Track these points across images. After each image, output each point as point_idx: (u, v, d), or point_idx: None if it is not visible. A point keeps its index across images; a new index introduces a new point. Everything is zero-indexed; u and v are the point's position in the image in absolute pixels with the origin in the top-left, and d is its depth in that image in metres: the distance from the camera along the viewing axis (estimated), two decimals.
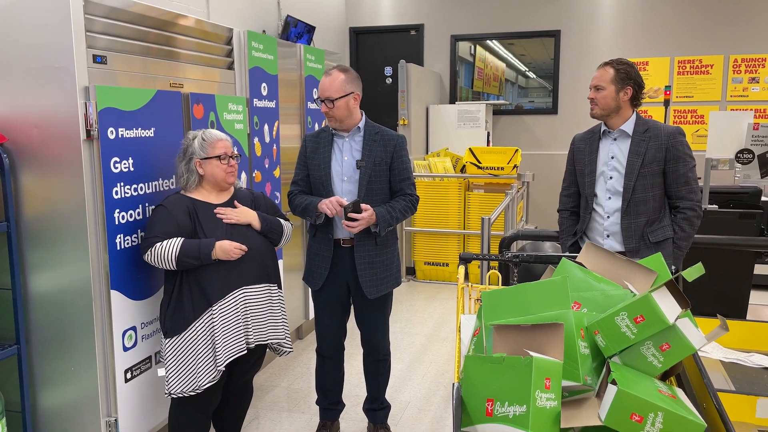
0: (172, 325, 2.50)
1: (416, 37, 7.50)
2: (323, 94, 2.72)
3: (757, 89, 6.61)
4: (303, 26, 5.76)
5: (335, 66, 2.78)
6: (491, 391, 1.40)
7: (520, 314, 1.57)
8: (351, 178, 2.76)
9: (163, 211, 2.52)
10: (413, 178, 2.88)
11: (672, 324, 1.42)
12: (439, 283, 6.10)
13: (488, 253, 2.31)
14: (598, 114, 2.71)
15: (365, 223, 2.65)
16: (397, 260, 2.92)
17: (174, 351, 2.50)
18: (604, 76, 2.68)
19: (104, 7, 2.49)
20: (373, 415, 3.05)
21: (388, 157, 2.77)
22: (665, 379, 1.56)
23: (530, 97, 7.42)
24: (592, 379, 1.44)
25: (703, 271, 1.53)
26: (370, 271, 2.77)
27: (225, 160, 2.58)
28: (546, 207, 7.13)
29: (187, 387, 2.49)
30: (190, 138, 2.60)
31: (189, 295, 2.50)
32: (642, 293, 1.50)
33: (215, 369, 2.51)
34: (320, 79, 4.41)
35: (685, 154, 2.64)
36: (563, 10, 7.02)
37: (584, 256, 1.85)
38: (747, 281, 3.62)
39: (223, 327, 2.53)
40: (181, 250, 2.44)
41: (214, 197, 2.62)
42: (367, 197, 2.73)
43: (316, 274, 2.86)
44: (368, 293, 2.78)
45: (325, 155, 2.79)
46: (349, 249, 2.79)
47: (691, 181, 2.66)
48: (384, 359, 3.00)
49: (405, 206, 2.79)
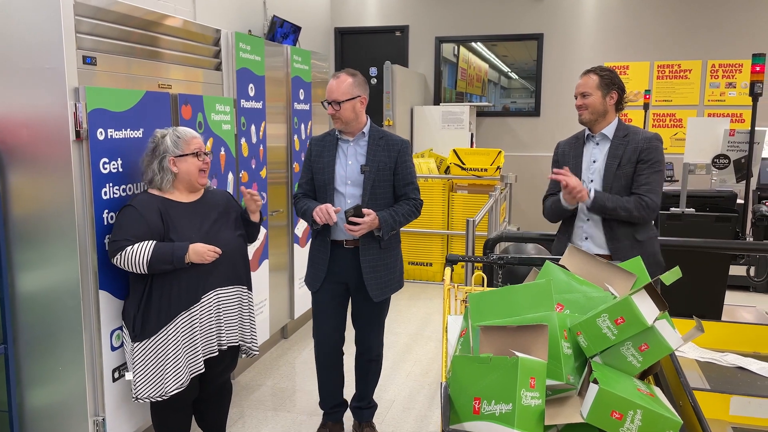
0: (141, 328, 2.44)
1: (401, 39, 7.55)
2: (330, 96, 2.74)
3: (734, 94, 6.76)
4: (289, 26, 5.78)
5: (343, 69, 2.82)
6: (478, 390, 1.44)
7: (506, 315, 1.62)
8: (355, 182, 2.78)
9: (132, 212, 2.44)
10: (417, 182, 2.89)
11: (650, 325, 1.48)
12: (423, 282, 6.16)
13: (473, 255, 2.36)
14: (588, 119, 2.76)
15: (367, 228, 2.66)
16: (401, 263, 2.95)
17: (142, 355, 2.44)
18: (589, 83, 2.73)
19: (94, 9, 2.50)
20: (360, 413, 3.08)
21: (392, 162, 2.79)
22: (644, 378, 1.62)
23: (512, 97, 7.51)
24: (574, 378, 1.50)
25: (680, 274, 1.60)
26: (375, 274, 2.79)
27: (201, 157, 2.56)
28: (528, 207, 7.23)
29: (155, 392, 2.45)
30: (159, 136, 2.55)
31: (159, 298, 2.45)
32: (622, 296, 1.56)
33: (185, 374, 2.49)
34: (307, 80, 4.47)
35: (656, 160, 2.69)
36: (546, 14, 7.11)
37: (567, 259, 1.91)
38: (722, 283, 3.72)
39: (199, 330, 2.53)
40: (153, 254, 2.38)
41: (185, 197, 2.58)
42: (371, 201, 2.75)
43: (315, 276, 2.87)
44: (374, 296, 2.80)
45: (330, 159, 2.81)
46: (352, 250, 2.79)
47: (653, 183, 2.67)
48: (376, 359, 3.02)
49: (408, 210, 2.80)
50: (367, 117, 2.86)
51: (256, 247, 3.83)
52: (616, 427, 1.37)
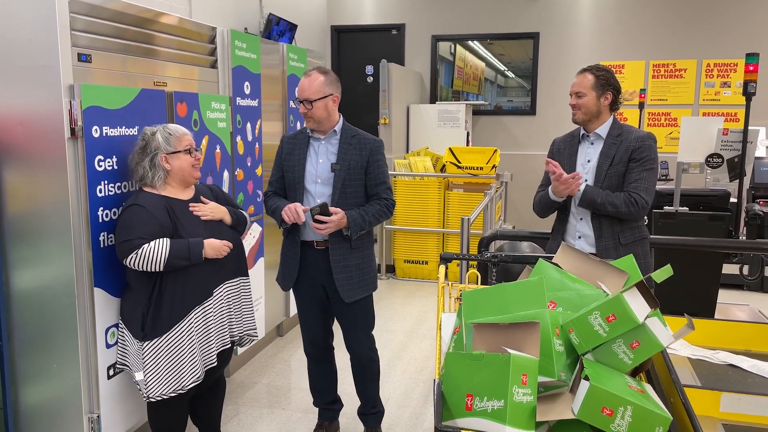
0: (152, 327, 2.44)
1: (397, 37, 7.56)
2: (302, 95, 2.69)
3: (729, 93, 6.79)
4: (285, 24, 5.78)
5: (315, 67, 2.77)
6: (471, 387, 1.46)
7: (499, 313, 1.63)
8: (325, 181, 2.74)
9: (141, 211, 2.44)
10: (389, 182, 2.84)
11: (642, 323, 1.49)
12: (418, 280, 6.17)
13: (467, 253, 2.37)
14: (581, 119, 2.77)
15: (334, 226, 2.62)
16: (374, 264, 2.89)
17: (154, 353, 2.44)
18: (584, 83, 2.73)
19: (89, 6, 2.50)
20: (364, 419, 3.05)
21: (363, 161, 2.74)
22: (635, 375, 1.64)
23: (509, 96, 7.52)
24: (566, 375, 1.51)
25: (672, 272, 1.61)
26: (345, 274, 2.74)
27: (192, 153, 2.57)
28: (523, 206, 7.25)
29: (168, 389, 2.45)
30: (149, 134, 2.54)
31: (171, 295, 2.45)
32: (614, 293, 1.58)
33: (201, 367, 2.51)
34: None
35: (648, 158, 2.68)
36: (542, 13, 7.13)
37: (560, 257, 1.93)
38: (715, 281, 3.74)
39: (213, 323, 2.56)
40: (171, 252, 2.39)
41: (181, 193, 2.59)
42: (341, 200, 2.71)
43: (286, 275, 2.85)
44: (345, 297, 2.75)
45: (300, 157, 2.77)
46: (323, 251, 2.75)
47: (643, 180, 2.66)
48: (369, 365, 2.95)
49: (379, 210, 2.76)
50: (339, 115, 2.80)
51: (252, 245, 3.83)
52: (607, 423, 1.39)
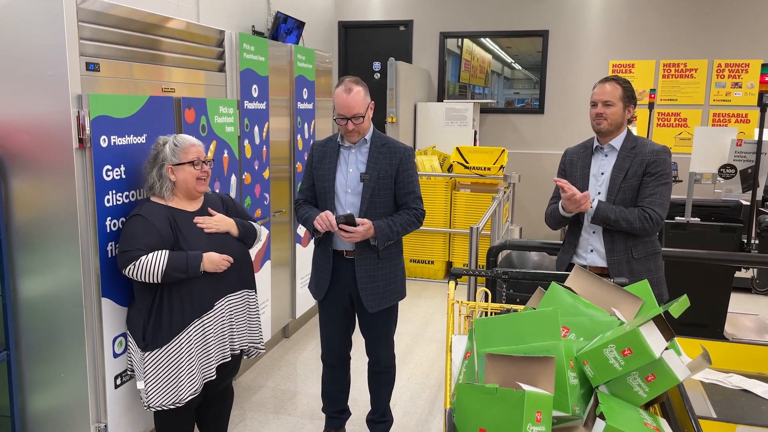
0: (153, 337, 2.43)
1: (405, 33, 7.49)
2: (350, 112, 2.61)
3: (740, 94, 6.72)
4: (293, 22, 5.73)
5: (346, 80, 2.67)
6: (483, 421, 1.44)
7: (512, 343, 1.61)
8: (354, 191, 2.71)
9: (142, 221, 2.43)
10: (419, 191, 2.78)
11: (658, 357, 1.47)
12: (424, 280, 6.16)
13: (477, 269, 2.35)
14: (606, 129, 2.70)
15: (360, 236, 2.61)
16: (402, 273, 2.86)
17: (154, 364, 2.44)
18: (615, 93, 2.67)
19: (96, 14, 2.47)
20: (372, 426, 3.03)
21: (393, 170, 2.70)
22: (650, 406, 1.62)
23: (516, 89, 7.45)
24: (580, 409, 1.49)
25: (688, 304, 1.58)
26: (371, 284, 2.72)
27: (198, 165, 2.53)
28: (531, 206, 7.21)
29: (167, 400, 2.45)
30: (160, 143, 2.53)
31: (171, 307, 2.44)
32: (630, 324, 1.55)
33: (199, 381, 2.50)
34: (311, 79, 4.43)
35: (663, 172, 2.65)
36: (552, 10, 7.05)
37: (573, 280, 1.90)
38: (726, 291, 3.71)
39: (213, 336, 2.55)
40: (168, 264, 2.38)
41: (187, 205, 2.57)
42: (370, 210, 2.68)
43: (319, 285, 2.83)
44: (369, 307, 2.73)
45: (331, 166, 2.74)
46: (352, 261, 2.73)
47: (658, 195, 2.63)
48: (386, 371, 2.95)
49: (408, 220, 2.71)
50: (370, 123, 2.77)
51: (259, 247, 3.82)
52: None
